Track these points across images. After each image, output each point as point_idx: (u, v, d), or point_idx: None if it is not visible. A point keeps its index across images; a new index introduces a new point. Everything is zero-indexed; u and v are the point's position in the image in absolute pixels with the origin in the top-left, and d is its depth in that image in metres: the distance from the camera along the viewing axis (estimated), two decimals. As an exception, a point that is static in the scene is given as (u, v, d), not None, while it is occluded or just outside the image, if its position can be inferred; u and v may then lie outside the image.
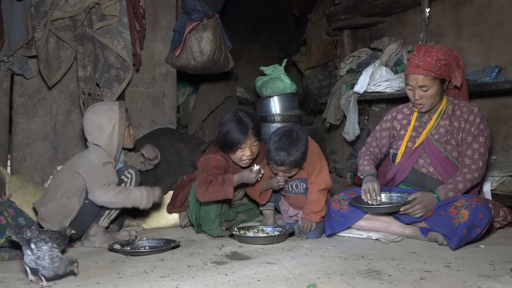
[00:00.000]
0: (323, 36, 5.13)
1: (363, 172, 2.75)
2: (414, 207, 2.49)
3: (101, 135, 2.75)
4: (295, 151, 2.66)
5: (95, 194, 2.59)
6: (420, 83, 2.60)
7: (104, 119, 2.76)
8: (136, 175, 2.79)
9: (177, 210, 3.12)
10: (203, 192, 2.67)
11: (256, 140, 2.82)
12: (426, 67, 2.56)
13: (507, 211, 2.73)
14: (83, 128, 2.83)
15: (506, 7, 3.37)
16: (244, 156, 2.79)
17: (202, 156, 2.87)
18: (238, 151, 2.78)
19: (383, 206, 2.61)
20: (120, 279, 2.09)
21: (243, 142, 2.75)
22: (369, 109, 4.61)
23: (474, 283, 1.88)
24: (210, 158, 2.79)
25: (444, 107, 2.71)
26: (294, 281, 1.98)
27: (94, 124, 2.76)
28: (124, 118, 2.80)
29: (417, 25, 4.09)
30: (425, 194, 2.53)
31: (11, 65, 3.58)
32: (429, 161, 2.69)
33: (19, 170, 3.66)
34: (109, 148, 2.76)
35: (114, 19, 3.51)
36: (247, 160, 2.81)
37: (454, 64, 2.62)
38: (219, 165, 2.77)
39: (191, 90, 4.98)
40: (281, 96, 4.23)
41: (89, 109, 2.85)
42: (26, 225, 2.66)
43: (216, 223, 2.83)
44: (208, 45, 3.82)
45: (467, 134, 2.62)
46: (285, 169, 2.71)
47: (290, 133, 2.72)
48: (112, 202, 2.63)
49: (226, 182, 2.66)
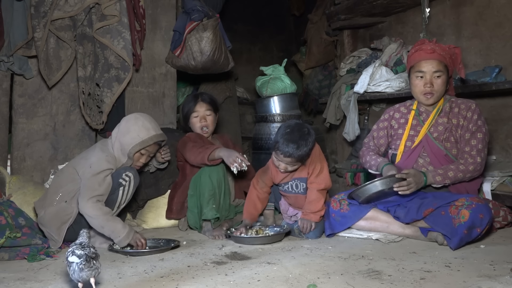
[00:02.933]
0: (323, 36, 5.13)
1: (378, 163, 2.75)
2: (408, 179, 2.50)
3: (122, 135, 2.75)
4: (304, 145, 2.66)
5: (82, 201, 2.56)
6: (436, 67, 2.63)
7: (136, 129, 2.75)
8: (135, 178, 2.75)
9: (176, 216, 3.13)
10: (192, 152, 2.96)
11: (209, 110, 3.19)
12: (442, 52, 2.63)
13: (507, 211, 2.73)
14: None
15: (506, 7, 3.37)
16: (200, 123, 3.16)
17: (180, 140, 3.17)
18: (193, 119, 3.18)
19: (375, 181, 2.57)
20: (120, 279, 2.09)
21: (194, 109, 3.17)
22: (369, 109, 4.61)
23: (474, 283, 1.88)
24: (185, 137, 3.14)
25: (441, 104, 2.72)
26: (294, 281, 1.98)
27: (129, 124, 2.78)
28: (147, 145, 2.75)
29: (417, 25, 4.09)
30: (416, 170, 2.57)
31: (11, 65, 3.58)
32: (428, 160, 2.69)
33: (19, 170, 3.66)
34: (117, 153, 2.75)
35: (114, 19, 3.50)
36: (205, 129, 3.17)
37: (456, 58, 2.71)
38: (193, 136, 3.12)
39: (191, 90, 4.97)
40: (281, 96, 4.23)
41: (139, 113, 2.91)
42: (26, 225, 2.66)
43: (211, 204, 2.87)
44: (208, 45, 3.82)
45: (466, 130, 2.63)
46: (290, 161, 2.70)
47: (302, 127, 2.73)
48: (92, 217, 2.54)
49: (210, 149, 2.89)
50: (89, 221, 2.57)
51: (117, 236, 2.53)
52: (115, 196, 2.68)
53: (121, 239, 2.52)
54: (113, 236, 2.54)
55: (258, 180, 2.91)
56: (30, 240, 2.58)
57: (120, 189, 2.69)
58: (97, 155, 2.71)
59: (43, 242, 2.62)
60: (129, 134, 2.75)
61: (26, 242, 2.56)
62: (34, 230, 2.69)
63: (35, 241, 2.60)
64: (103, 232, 2.56)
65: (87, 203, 2.54)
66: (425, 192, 2.64)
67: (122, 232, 2.53)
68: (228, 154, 2.77)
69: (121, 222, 2.59)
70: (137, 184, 2.78)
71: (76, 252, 1.79)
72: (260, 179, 2.90)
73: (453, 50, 2.72)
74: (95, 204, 2.55)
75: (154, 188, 3.26)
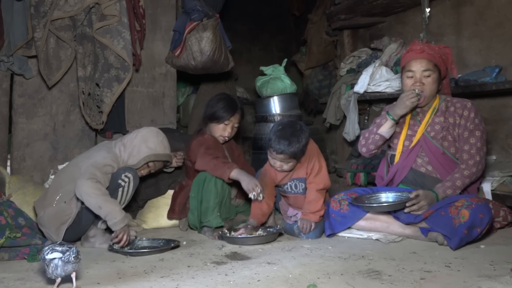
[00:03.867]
0: (323, 36, 5.14)
1: (382, 119, 2.76)
2: (419, 203, 2.49)
3: (139, 142, 2.81)
4: (296, 142, 2.66)
5: (81, 180, 2.52)
6: (425, 66, 2.65)
7: (154, 141, 2.85)
8: (134, 178, 2.74)
9: (177, 216, 3.13)
10: (205, 161, 2.87)
11: (238, 123, 3.11)
12: (431, 51, 2.64)
13: (507, 211, 2.73)
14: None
15: (506, 7, 3.37)
16: (226, 132, 3.07)
17: (194, 140, 3.07)
18: (222, 125, 3.06)
19: (385, 205, 2.61)
20: (120, 279, 2.09)
21: (229, 118, 3.04)
22: (369, 109, 4.61)
23: (474, 283, 1.88)
24: (202, 138, 3.04)
25: (437, 104, 2.73)
26: (294, 281, 1.98)
27: (150, 135, 2.85)
28: (158, 159, 2.85)
29: (417, 25, 4.09)
30: (426, 191, 2.55)
31: (11, 65, 3.58)
32: (427, 159, 2.70)
33: (19, 170, 3.66)
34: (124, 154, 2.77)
35: (114, 19, 3.51)
36: (223, 138, 3.08)
37: (447, 58, 2.73)
38: (210, 141, 3.02)
39: (191, 90, 4.98)
40: (281, 96, 4.23)
41: (160, 130, 2.97)
42: (25, 225, 2.66)
43: (216, 212, 2.86)
44: (208, 45, 3.82)
45: (463, 129, 2.64)
46: (284, 157, 2.71)
47: (294, 124, 2.74)
48: (90, 195, 2.49)
49: (228, 165, 2.81)
50: (87, 200, 2.51)
51: (113, 218, 2.49)
52: (115, 197, 2.67)
53: (117, 222, 2.49)
54: (109, 217, 2.50)
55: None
56: (30, 240, 2.58)
57: (120, 189, 2.69)
58: (102, 155, 2.73)
59: (43, 242, 2.62)
60: (146, 143, 2.81)
61: (26, 242, 2.56)
62: (34, 230, 2.69)
63: (35, 241, 2.60)
64: (100, 212, 2.51)
65: (86, 182, 2.51)
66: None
67: (119, 215, 2.50)
68: (248, 180, 2.73)
69: (119, 205, 2.58)
70: (137, 184, 2.78)
71: (56, 248, 1.90)
72: (261, 181, 2.90)
73: (444, 50, 2.73)
74: (95, 183, 2.53)
75: (154, 188, 3.26)
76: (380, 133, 2.75)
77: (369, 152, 2.84)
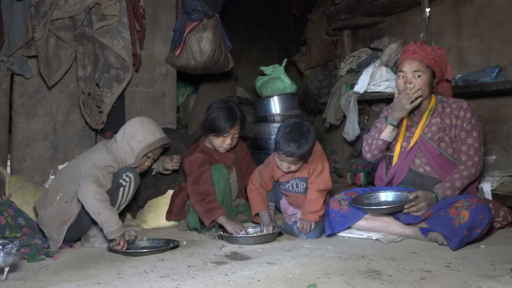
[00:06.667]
0: (323, 36, 5.13)
1: (382, 124, 2.76)
2: (419, 204, 2.49)
3: (130, 138, 2.77)
4: (305, 143, 2.67)
5: (85, 183, 2.52)
6: (415, 67, 2.64)
7: (142, 132, 2.79)
8: (135, 178, 2.74)
9: (175, 217, 3.13)
10: (193, 201, 2.86)
11: (239, 133, 3.04)
12: (423, 53, 2.64)
13: (507, 211, 2.73)
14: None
15: (506, 7, 3.37)
16: (225, 143, 3.00)
17: (186, 158, 3.00)
18: (221, 137, 2.98)
19: (384, 207, 2.61)
20: (120, 279, 2.09)
21: (229, 131, 2.96)
22: (369, 109, 4.61)
23: (474, 283, 1.88)
24: (191, 160, 2.94)
25: (433, 105, 2.74)
26: (294, 281, 1.98)
27: (135, 128, 2.80)
28: (154, 148, 2.81)
29: (417, 25, 4.09)
30: (425, 192, 2.55)
31: (11, 65, 3.58)
32: (425, 160, 2.70)
33: (19, 170, 3.66)
34: (123, 155, 2.76)
35: (114, 19, 3.50)
36: (224, 148, 3.01)
37: (441, 59, 2.72)
38: (201, 162, 2.92)
39: (191, 90, 4.98)
40: (281, 96, 4.22)
41: (143, 117, 2.91)
42: (25, 225, 2.66)
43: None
44: (208, 45, 3.82)
45: (460, 130, 2.64)
46: (293, 160, 2.71)
47: (301, 125, 2.74)
48: (92, 199, 2.50)
49: (213, 212, 2.77)
50: (88, 203, 2.51)
51: (110, 227, 2.50)
52: (115, 197, 2.67)
53: (113, 231, 2.50)
54: (105, 225, 2.50)
55: (255, 176, 2.94)
56: (30, 240, 2.58)
57: (120, 189, 2.69)
58: (102, 155, 2.72)
59: (43, 242, 2.62)
60: (135, 139, 2.78)
61: (26, 242, 2.55)
62: (34, 230, 2.69)
63: (35, 241, 2.60)
64: (98, 218, 2.51)
65: (90, 185, 2.52)
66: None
67: (115, 224, 2.51)
68: (232, 228, 2.72)
69: (117, 215, 2.58)
70: (138, 185, 2.77)
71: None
72: (259, 173, 2.92)
73: (438, 51, 2.72)
74: (99, 188, 2.54)
75: (154, 188, 3.26)
76: (382, 138, 2.75)
77: (374, 157, 2.85)
